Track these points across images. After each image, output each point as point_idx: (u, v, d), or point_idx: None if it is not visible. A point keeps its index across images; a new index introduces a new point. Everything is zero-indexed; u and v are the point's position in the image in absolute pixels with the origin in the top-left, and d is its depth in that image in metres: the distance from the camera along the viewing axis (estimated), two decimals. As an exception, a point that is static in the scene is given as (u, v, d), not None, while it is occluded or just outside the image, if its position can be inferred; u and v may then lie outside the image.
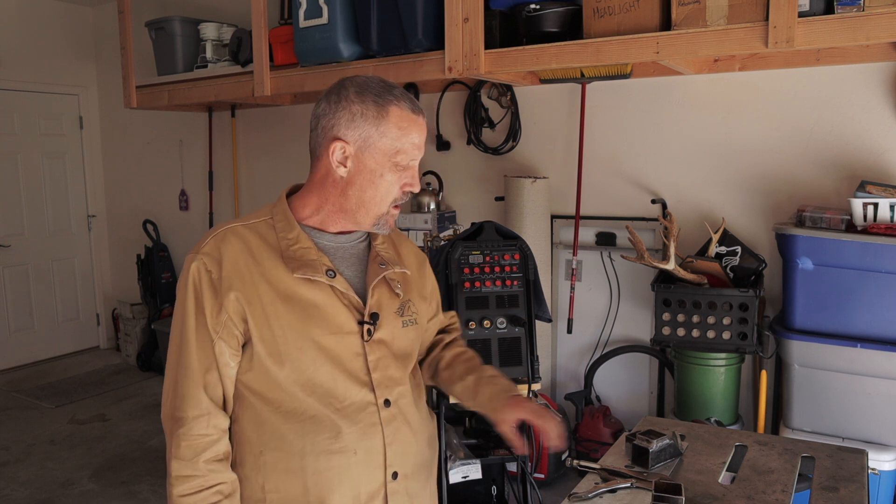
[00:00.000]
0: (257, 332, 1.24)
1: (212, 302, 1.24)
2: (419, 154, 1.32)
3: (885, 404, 2.45)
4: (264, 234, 1.31)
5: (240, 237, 1.29)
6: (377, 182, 1.29)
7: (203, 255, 1.27)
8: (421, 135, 1.32)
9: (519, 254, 2.53)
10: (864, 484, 1.49)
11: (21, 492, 3.40)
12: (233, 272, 1.25)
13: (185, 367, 1.25)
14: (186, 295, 1.26)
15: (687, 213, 3.17)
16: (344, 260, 1.36)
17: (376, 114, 1.28)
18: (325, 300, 1.28)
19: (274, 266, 1.27)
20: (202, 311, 1.24)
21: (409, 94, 1.33)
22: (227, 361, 1.26)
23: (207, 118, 4.94)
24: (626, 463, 1.57)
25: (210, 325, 1.24)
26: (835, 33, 2.25)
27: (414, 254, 1.52)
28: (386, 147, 1.28)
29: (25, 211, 5.36)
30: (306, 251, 1.29)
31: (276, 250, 1.29)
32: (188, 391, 1.24)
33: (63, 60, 5.49)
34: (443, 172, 3.82)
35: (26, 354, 5.43)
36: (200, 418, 1.23)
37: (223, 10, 4.42)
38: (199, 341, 1.24)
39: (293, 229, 1.31)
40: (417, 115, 1.31)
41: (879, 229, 2.39)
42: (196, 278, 1.25)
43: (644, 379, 3.41)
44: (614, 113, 3.33)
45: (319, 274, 1.27)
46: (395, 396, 1.33)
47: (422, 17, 3.01)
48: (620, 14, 2.63)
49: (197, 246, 1.29)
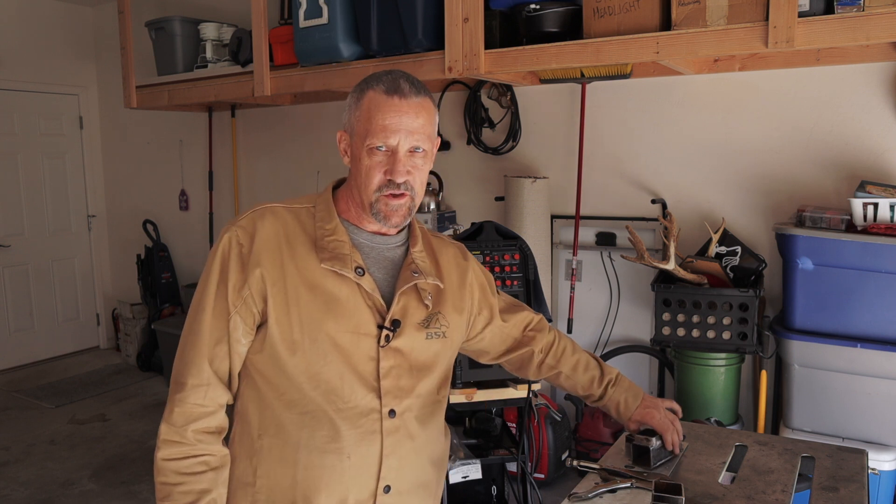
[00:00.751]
0: (275, 314, 1.23)
1: (237, 276, 1.24)
2: (393, 137, 1.25)
3: (885, 404, 2.45)
4: (304, 220, 1.31)
5: (278, 217, 1.29)
6: (360, 168, 1.28)
7: (238, 227, 1.27)
8: (396, 117, 1.25)
9: (519, 254, 2.53)
10: (864, 484, 1.49)
11: (21, 492, 3.40)
12: (263, 250, 1.24)
13: (195, 335, 1.25)
14: (213, 264, 1.26)
15: (687, 213, 3.17)
16: (377, 261, 1.33)
17: (356, 99, 1.30)
18: (348, 296, 1.26)
19: (305, 252, 1.26)
20: (225, 283, 1.24)
21: (403, 78, 1.28)
22: (240, 338, 1.25)
23: (207, 118, 4.94)
24: (626, 463, 1.57)
25: (230, 298, 1.23)
26: (835, 33, 2.25)
27: (456, 265, 1.46)
28: (360, 131, 1.27)
29: (25, 211, 5.36)
30: (341, 244, 1.28)
31: (311, 238, 1.28)
32: (193, 359, 1.24)
33: (63, 60, 5.49)
34: (443, 172, 3.82)
35: (26, 354, 5.43)
36: (199, 388, 1.23)
37: (223, 10, 4.42)
38: (216, 312, 1.24)
39: (332, 220, 1.31)
40: (392, 97, 1.25)
41: (879, 229, 2.39)
42: (226, 249, 1.26)
43: (644, 379, 3.41)
44: (614, 113, 3.33)
45: (348, 269, 1.26)
46: (402, 408, 1.29)
47: (422, 17, 3.01)
48: (620, 14, 2.63)
49: (235, 219, 1.30)
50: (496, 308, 1.54)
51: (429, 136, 1.30)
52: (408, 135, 1.25)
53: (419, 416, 1.33)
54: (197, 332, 1.25)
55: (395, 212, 1.28)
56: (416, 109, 1.27)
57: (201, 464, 1.23)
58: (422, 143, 1.28)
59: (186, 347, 1.26)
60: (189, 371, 1.24)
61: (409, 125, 1.25)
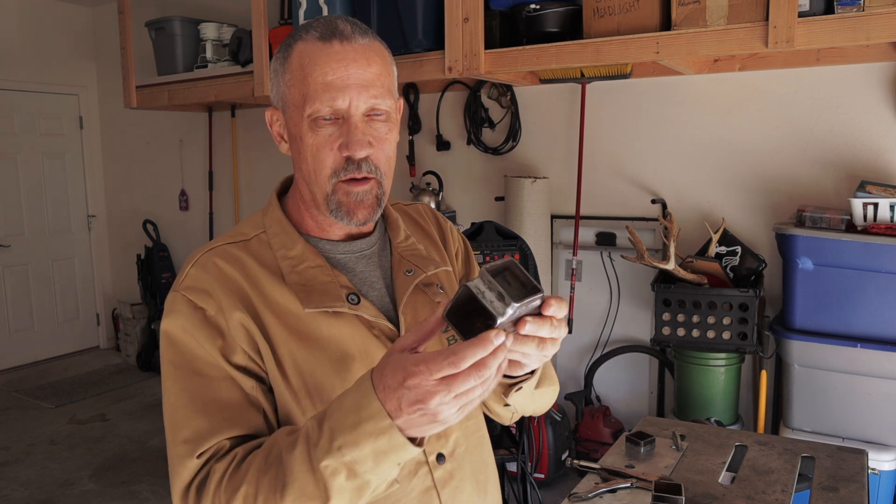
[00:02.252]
0: (270, 378, 0.95)
1: (214, 342, 0.92)
2: (342, 97, 0.91)
3: (885, 404, 2.45)
4: (259, 253, 0.99)
5: (228, 259, 0.97)
6: (304, 150, 0.95)
7: (184, 290, 0.94)
8: (341, 68, 0.91)
9: (519, 254, 2.53)
10: (864, 484, 1.49)
11: (21, 492, 3.40)
12: (229, 306, 0.93)
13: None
14: (169, 351, 0.93)
15: (687, 213, 3.17)
16: (367, 275, 1.04)
17: (282, 60, 0.96)
18: (351, 337, 0.96)
19: (278, 295, 0.95)
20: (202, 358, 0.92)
21: (341, 19, 0.96)
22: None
23: (207, 118, 4.94)
24: (626, 463, 1.57)
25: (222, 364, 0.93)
26: (835, 33, 2.25)
27: (453, 232, 1.19)
28: (295, 99, 0.94)
29: (25, 211, 5.36)
30: (317, 271, 0.97)
31: (276, 275, 0.97)
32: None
33: (63, 60, 5.49)
34: (443, 172, 3.82)
35: (26, 354, 5.43)
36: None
37: (223, 10, 4.42)
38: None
39: (294, 244, 0.99)
40: (330, 42, 0.92)
41: (879, 229, 2.39)
42: (181, 326, 0.92)
43: (644, 379, 3.41)
44: (614, 113, 3.33)
45: (340, 302, 0.95)
46: (451, 447, 1.02)
47: (422, 17, 3.02)
48: (620, 14, 2.63)
49: (176, 283, 0.97)
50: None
51: (388, 90, 0.96)
52: (360, 90, 0.92)
53: (470, 447, 1.06)
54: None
55: (360, 203, 0.96)
56: (367, 55, 0.94)
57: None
58: (381, 100, 0.94)
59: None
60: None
61: (359, 77, 0.92)
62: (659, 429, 1.78)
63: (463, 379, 0.70)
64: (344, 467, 0.76)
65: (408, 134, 3.90)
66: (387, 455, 0.75)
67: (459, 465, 1.03)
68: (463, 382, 0.70)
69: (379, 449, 0.74)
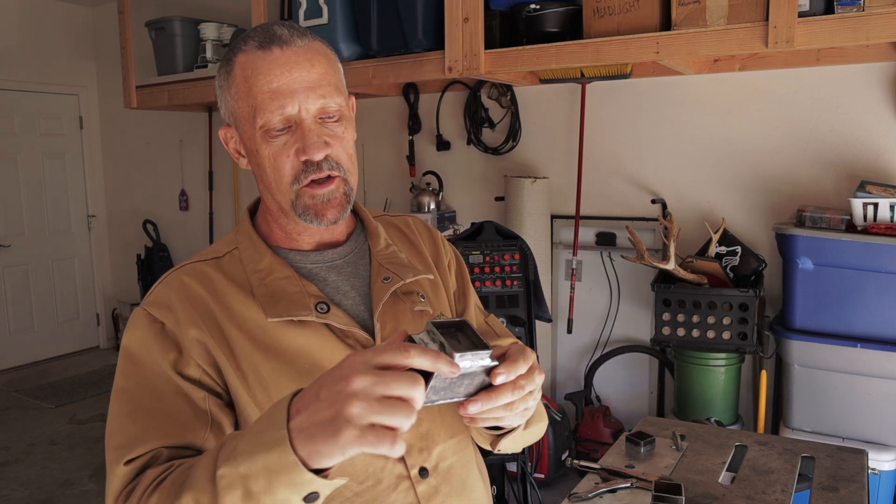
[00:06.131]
0: (232, 394, 0.93)
1: (168, 356, 0.92)
2: (290, 102, 0.91)
3: (885, 404, 2.45)
4: (230, 270, 0.98)
5: (196, 276, 0.97)
6: (261, 162, 0.95)
7: (147, 305, 0.96)
8: (285, 74, 0.91)
9: (519, 254, 2.53)
10: (864, 484, 1.49)
11: (21, 492, 3.40)
12: (188, 322, 0.93)
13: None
14: (124, 364, 0.93)
15: (687, 213, 3.17)
16: (337, 283, 1.01)
17: (226, 76, 0.96)
18: (320, 347, 0.93)
19: (245, 309, 0.94)
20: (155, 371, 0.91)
21: (277, 24, 0.94)
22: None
23: (207, 118, 4.94)
24: (626, 463, 1.57)
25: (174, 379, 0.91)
26: (835, 33, 2.25)
27: (445, 245, 1.18)
28: (244, 113, 0.94)
29: (25, 211, 5.36)
30: (285, 282, 0.96)
31: (245, 290, 0.96)
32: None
33: (63, 60, 5.49)
34: (443, 172, 3.82)
35: (26, 354, 5.43)
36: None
37: (223, 10, 4.42)
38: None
39: (263, 256, 0.99)
40: (269, 50, 0.91)
41: (879, 229, 2.39)
42: (137, 338, 0.93)
43: (644, 379, 3.41)
44: (614, 113, 3.33)
45: (307, 311, 0.93)
46: (435, 460, 0.98)
47: (422, 17, 3.02)
48: (620, 14, 2.63)
49: (144, 299, 0.99)
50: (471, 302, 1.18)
51: (336, 87, 0.95)
52: (307, 92, 0.91)
53: (457, 460, 1.02)
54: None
55: (328, 203, 0.95)
56: (308, 56, 0.93)
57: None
58: (330, 99, 0.94)
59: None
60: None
61: (305, 79, 0.91)
62: (659, 429, 1.78)
63: (373, 380, 0.64)
64: (239, 482, 0.70)
65: (408, 134, 3.90)
66: (278, 476, 0.68)
67: (445, 481, 0.99)
68: (374, 385, 0.64)
69: (270, 465, 0.68)
